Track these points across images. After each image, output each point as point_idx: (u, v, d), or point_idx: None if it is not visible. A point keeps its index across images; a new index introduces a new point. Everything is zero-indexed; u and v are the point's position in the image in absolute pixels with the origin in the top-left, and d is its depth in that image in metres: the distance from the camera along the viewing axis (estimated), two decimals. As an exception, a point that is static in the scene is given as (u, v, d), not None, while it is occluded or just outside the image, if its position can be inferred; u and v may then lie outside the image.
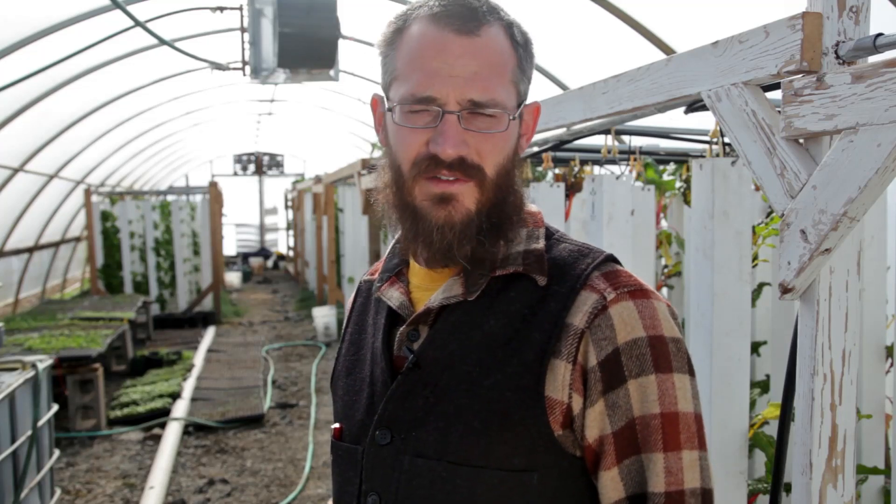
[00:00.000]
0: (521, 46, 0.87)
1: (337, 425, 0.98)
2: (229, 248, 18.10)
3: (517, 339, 0.84)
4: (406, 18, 0.87)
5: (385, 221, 0.92)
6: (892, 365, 2.36)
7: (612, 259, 0.89)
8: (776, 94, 1.40)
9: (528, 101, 0.92)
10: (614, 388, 0.81)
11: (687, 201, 3.48)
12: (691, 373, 0.84)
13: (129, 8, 4.06)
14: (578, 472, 0.85)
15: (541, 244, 0.90)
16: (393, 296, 0.95)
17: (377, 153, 8.26)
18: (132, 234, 9.74)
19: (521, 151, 0.91)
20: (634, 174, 3.19)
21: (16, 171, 7.48)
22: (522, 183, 0.93)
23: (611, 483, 0.82)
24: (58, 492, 4.03)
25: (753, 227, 2.45)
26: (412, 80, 0.83)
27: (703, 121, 2.77)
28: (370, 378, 0.94)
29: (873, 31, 0.94)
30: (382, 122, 0.91)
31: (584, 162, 3.26)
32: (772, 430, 2.35)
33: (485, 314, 0.87)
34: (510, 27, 0.86)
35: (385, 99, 0.90)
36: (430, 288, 0.92)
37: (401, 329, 0.91)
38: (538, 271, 0.87)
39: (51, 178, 8.63)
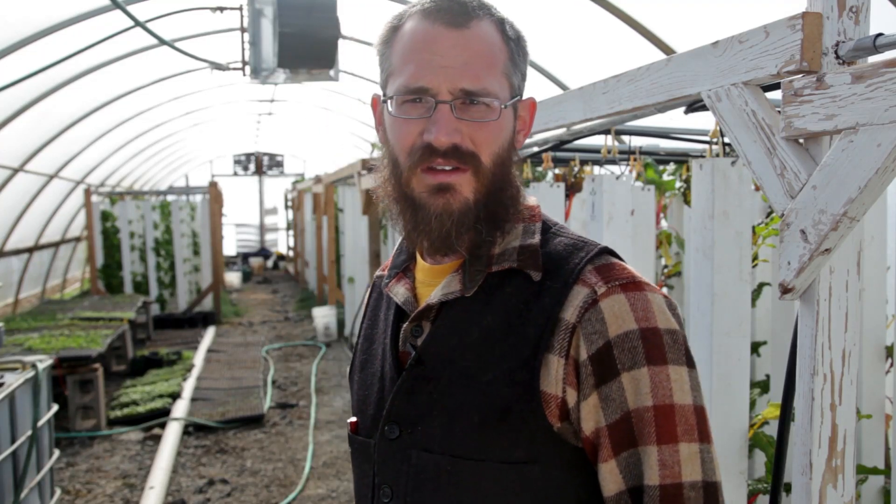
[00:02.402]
0: (512, 41, 0.89)
1: (353, 419, 1.00)
2: (229, 248, 18.10)
3: (513, 335, 0.85)
4: (401, 17, 0.90)
5: (387, 216, 0.95)
6: (892, 365, 2.36)
7: (607, 252, 0.89)
8: (776, 94, 1.40)
9: (525, 98, 0.94)
10: (607, 382, 0.81)
11: (687, 201, 3.48)
12: (690, 364, 0.84)
13: (129, 8, 4.06)
14: (581, 461, 0.85)
15: (536, 239, 0.90)
16: (399, 292, 0.97)
17: (377, 153, 8.24)
18: (132, 234, 9.74)
19: (517, 146, 0.92)
20: (634, 174, 3.19)
21: (16, 171, 7.48)
22: (520, 177, 0.94)
23: (610, 475, 0.82)
24: (58, 492, 4.03)
25: (753, 227, 2.45)
26: (406, 73, 0.86)
27: (703, 121, 2.77)
28: (381, 373, 0.96)
29: (873, 31, 0.94)
30: (381, 119, 0.93)
31: (584, 162, 3.26)
32: (772, 430, 2.36)
33: (482, 310, 0.88)
34: (501, 23, 0.89)
35: (383, 96, 0.92)
36: (432, 284, 0.94)
37: (405, 325, 0.93)
38: (532, 267, 0.88)
39: (51, 178, 8.63)
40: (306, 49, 4.02)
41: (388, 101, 0.88)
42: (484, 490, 0.84)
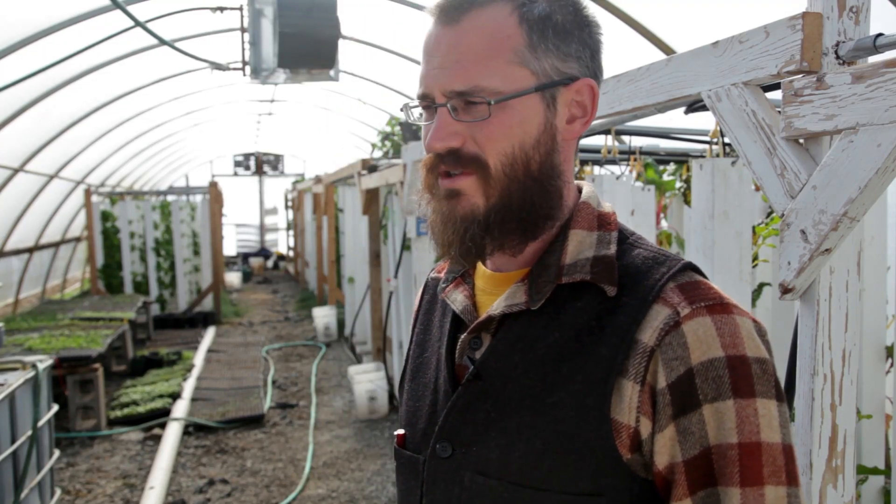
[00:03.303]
0: (535, 22, 0.80)
1: (401, 431, 0.94)
2: (229, 248, 18.10)
3: (583, 355, 0.78)
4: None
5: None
6: (892, 365, 2.36)
7: (691, 268, 0.81)
8: (776, 95, 1.40)
9: (575, 81, 0.84)
10: (686, 413, 0.74)
11: (687, 201, 3.48)
12: (780, 398, 0.75)
13: (129, 8, 4.06)
14: (650, 496, 0.78)
15: (612, 250, 0.83)
16: (457, 299, 0.91)
17: (377, 153, 8.26)
18: (132, 235, 9.74)
19: (568, 136, 0.83)
20: (634, 174, 3.19)
21: (16, 171, 7.48)
22: (572, 174, 0.87)
23: None
24: (58, 492, 4.03)
25: (753, 227, 2.45)
26: (418, 80, 0.84)
27: (703, 121, 2.77)
28: (434, 385, 0.90)
29: (873, 31, 0.94)
30: None
31: (584, 162, 3.26)
32: (772, 430, 2.35)
33: (549, 325, 0.81)
34: (520, 4, 0.80)
35: None
36: (494, 293, 0.88)
37: (462, 336, 0.87)
38: (607, 280, 0.80)
39: (51, 178, 8.63)
40: (306, 49, 4.02)
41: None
42: None
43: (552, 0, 0.82)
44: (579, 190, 0.89)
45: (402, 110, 0.88)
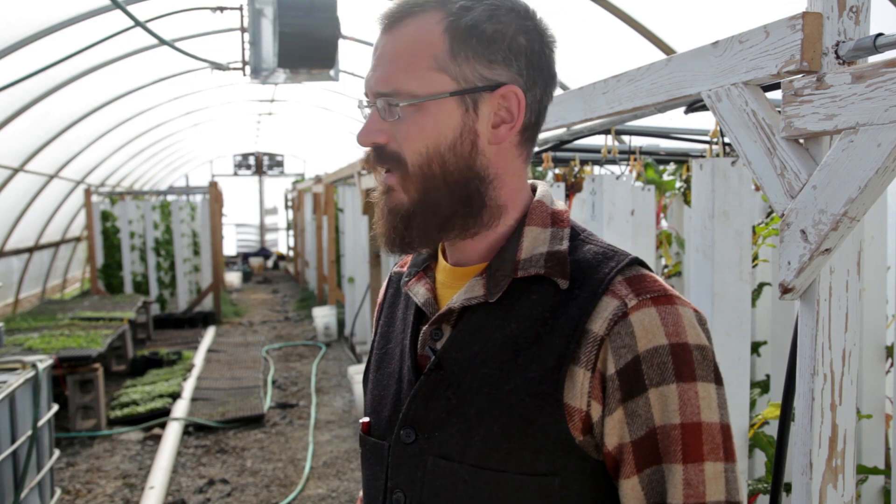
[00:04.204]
0: (458, 30, 0.83)
1: (366, 419, 0.99)
2: (229, 248, 18.11)
3: (538, 344, 0.83)
4: None
5: None
6: (892, 365, 2.36)
7: (638, 262, 0.86)
8: (776, 94, 1.40)
9: (499, 88, 0.86)
10: (633, 397, 0.79)
11: (687, 201, 3.48)
12: (718, 382, 0.82)
13: (129, 8, 4.06)
14: (602, 475, 0.84)
15: (564, 245, 0.87)
16: (419, 292, 0.95)
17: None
18: (132, 234, 9.74)
19: (494, 140, 0.86)
20: (634, 174, 3.19)
21: (16, 171, 7.48)
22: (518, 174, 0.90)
23: (631, 492, 0.80)
24: (58, 492, 4.03)
25: (753, 227, 2.45)
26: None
27: (703, 121, 2.77)
28: (398, 374, 0.94)
29: (873, 31, 0.94)
30: None
31: (584, 162, 3.26)
32: (772, 430, 2.36)
33: (506, 317, 0.86)
34: (450, 13, 0.84)
35: None
36: (454, 286, 0.93)
37: (424, 328, 0.92)
38: (560, 274, 0.85)
39: (51, 178, 8.63)
40: (306, 49, 4.02)
41: None
42: (501, 501, 0.83)
43: (489, 10, 0.85)
44: (534, 189, 0.95)
45: (358, 107, 0.94)
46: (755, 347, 2.89)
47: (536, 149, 3.01)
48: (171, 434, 5.12)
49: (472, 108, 0.85)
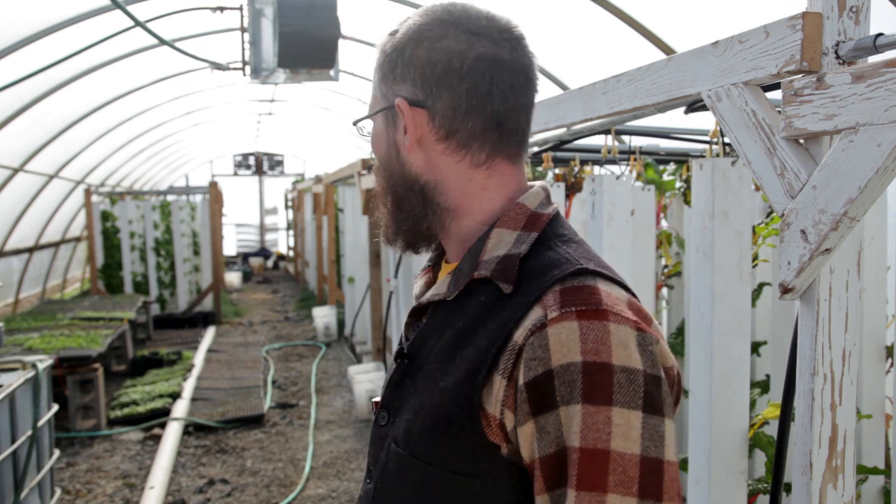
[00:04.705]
0: (386, 55, 0.92)
1: (377, 399, 1.04)
2: (229, 248, 18.10)
3: (471, 345, 0.83)
4: None
5: None
6: (892, 365, 2.36)
7: (586, 273, 0.81)
8: (776, 94, 1.40)
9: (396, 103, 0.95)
10: (544, 412, 0.76)
11: (687, 201, 3.48)
12: (650, 410, 0.74)
13: (129, 8, 4.06)
14: (524, 483, 0.81)
15: (523, 249, 0.86)
16: (418, 285, 1.02)
17: (377, 153, 8.25)
18: (132, 234, 9.74)
19: (401, 150, 0.93)
20: (634, 174, 3.19)
21: (16, 171, 7.48)
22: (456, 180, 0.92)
23: None
24: (58, 492, 4.03)
25: (753, 227, 2.45)
26: None
27: (703, 121, 2.77)
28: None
29: (873, 31, 0.94)
30: None
31: (584, 162, 3.26)
32: (772, 430, 2.36)
33: (457, 315, 0.87)
34: (386, 42, 0.92)
35: None
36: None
37: (406, 319, 0.97)
38: (503, 278, 0.84)
39: (51, 178, 8.63)
40: (306, 49, 4.02)
41: None
42: (433, 493, 0.84)
43: (406, 31, 0.90)
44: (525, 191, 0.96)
45: None
46: (755, 347, 2.89)
47: (536, 149, 3.01)
48: (171, 434, 5.12)
49: (391, 122, 0.93)
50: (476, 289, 0.87)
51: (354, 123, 1.00)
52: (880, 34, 0.92)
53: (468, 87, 0.87)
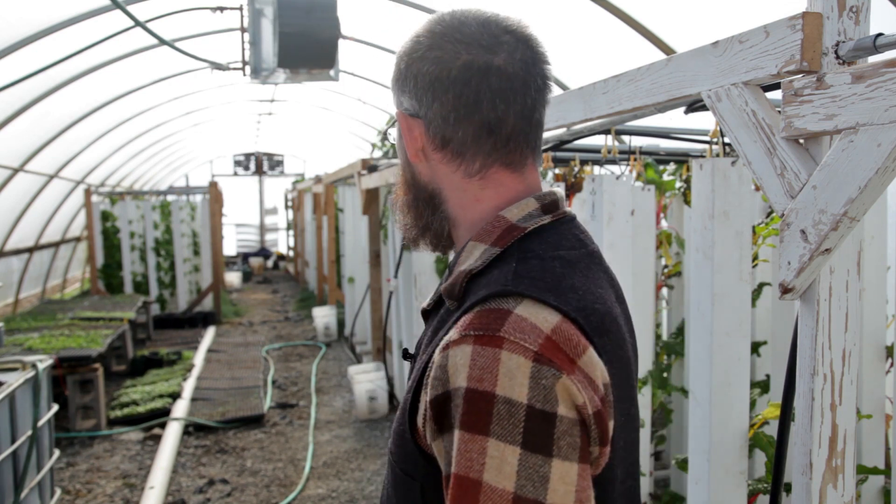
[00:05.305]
0: (402, 70, 0.93)
1: None
2: (229, 248, 18.10)
3: (425, 356, 0.86)
4: None
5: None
6: (892, 365, 2.36)
7: (505, 294, 0.79)
8: (776, 94, 1.40)
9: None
10: (443, 432, 0.76)
11: (687, 201, 3.48)
12: (533, 448, 0.71)
13: (129, 8, 4.07)
14: None
15: (478, 265, 0.85)
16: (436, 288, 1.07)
17: (377, 153, 8.26)
18: (132, 234, 9.74)
19: (412, 159, 0.95)
20: (634, 174, 3.19)
21: (16, 171, 7.48)
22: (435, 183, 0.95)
23: None
24: (58, 492, 4.03)
25: (753, 227, 2.45)
26: None
27: (703, 121, 2.77)
28: None
29: (873, 31, 0.94)
30: None
31: (584, 162, 3.26)
32: (772, 430, 2.36)
33: (432, 324, 0.92)
34: (396, 57, 0.94)
35: None
36: None
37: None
38: (449, 294, 0.87)
39: (51, 178, 8.63)
40: (306, 49, 4.02)
41: None
42: (398, 490, 0.88)
43: (425, 52, 0.89)
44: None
45: None
46: (755, 347, 2.89)
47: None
48: (171, 434, 5.12)
49: (406, 130, 0.94)
50: (443, 301, 0.91)
51: (383, 133, 1.04)
52: (880, 34, 0.92)
53: (453, 96, 0.87)
